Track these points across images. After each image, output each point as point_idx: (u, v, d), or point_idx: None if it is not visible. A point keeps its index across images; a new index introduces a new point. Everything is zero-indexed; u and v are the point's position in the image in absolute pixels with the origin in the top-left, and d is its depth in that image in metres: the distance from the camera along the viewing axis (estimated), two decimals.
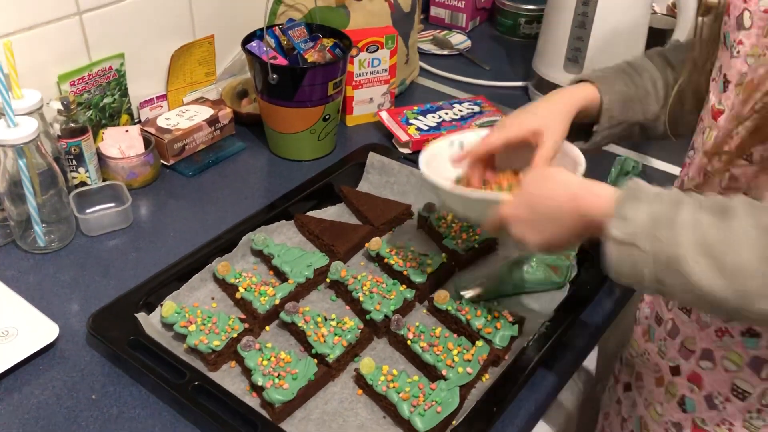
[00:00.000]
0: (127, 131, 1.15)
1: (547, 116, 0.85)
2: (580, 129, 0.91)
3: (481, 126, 1.28)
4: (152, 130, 1.18)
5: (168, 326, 0.89)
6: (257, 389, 0.81)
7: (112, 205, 1.08)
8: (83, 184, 1.09)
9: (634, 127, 0.92)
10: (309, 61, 1.21)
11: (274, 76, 1.13)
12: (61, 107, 1.04)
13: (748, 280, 0.58)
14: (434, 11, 1.81)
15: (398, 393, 0.78)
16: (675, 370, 0.83)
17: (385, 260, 0.99)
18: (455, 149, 0.91)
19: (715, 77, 0.76)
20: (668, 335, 0.83)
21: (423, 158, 0.88)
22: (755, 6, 0.69)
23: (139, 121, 1.26)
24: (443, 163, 0.90)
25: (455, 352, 0.84)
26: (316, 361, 0.83)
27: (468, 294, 0.94)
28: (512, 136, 0.85)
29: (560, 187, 0.71)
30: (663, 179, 1.21)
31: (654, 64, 0.92)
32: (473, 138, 0.90)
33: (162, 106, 1.28)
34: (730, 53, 0.72)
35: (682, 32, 1.32)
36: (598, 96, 0.88)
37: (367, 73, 1.31)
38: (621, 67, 0.92)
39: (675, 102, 0.88)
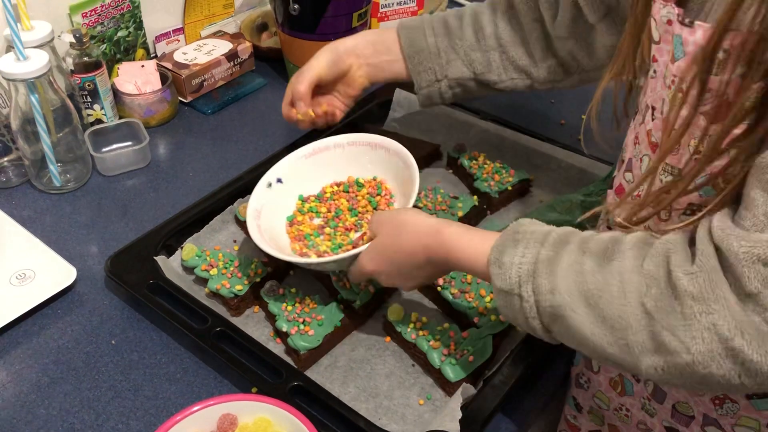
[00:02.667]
0: (143, 66, 1.10)
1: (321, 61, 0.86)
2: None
3: None
4: (169, 66, 1.13)
5: (188, 270, 0.86)
6: (281, 335, 0.78)
7: (129, 143, 1.04)
8: (99, 121, 1.05)
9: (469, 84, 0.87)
10: None
11: (296, 7, 1.07)
12: (74, 40, 0.99)
13: (630, 333, 0.50)
14: None
15: (428, 341, 0.75)
16: None
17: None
18: (276, 186, 0.85)
19: (651, 75, 0.58)
20: (652, 396, 0.69)
21: (252, 226, 0.79)
22: (658, 14, 0.55)
23: (155, 56, 1.20)
24: (274, 209, 0.83)
25: (488, 299, 0.80)
26: (342, 306, 0.80)
27: None
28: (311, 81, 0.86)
29: (413, 239, 0.66)
30: None
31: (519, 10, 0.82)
32: (285, 167, 0.86)
33: (179, 40, 1.22)
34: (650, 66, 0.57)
35: None
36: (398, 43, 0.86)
37: (393, 4, 1.24)
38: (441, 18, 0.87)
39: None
